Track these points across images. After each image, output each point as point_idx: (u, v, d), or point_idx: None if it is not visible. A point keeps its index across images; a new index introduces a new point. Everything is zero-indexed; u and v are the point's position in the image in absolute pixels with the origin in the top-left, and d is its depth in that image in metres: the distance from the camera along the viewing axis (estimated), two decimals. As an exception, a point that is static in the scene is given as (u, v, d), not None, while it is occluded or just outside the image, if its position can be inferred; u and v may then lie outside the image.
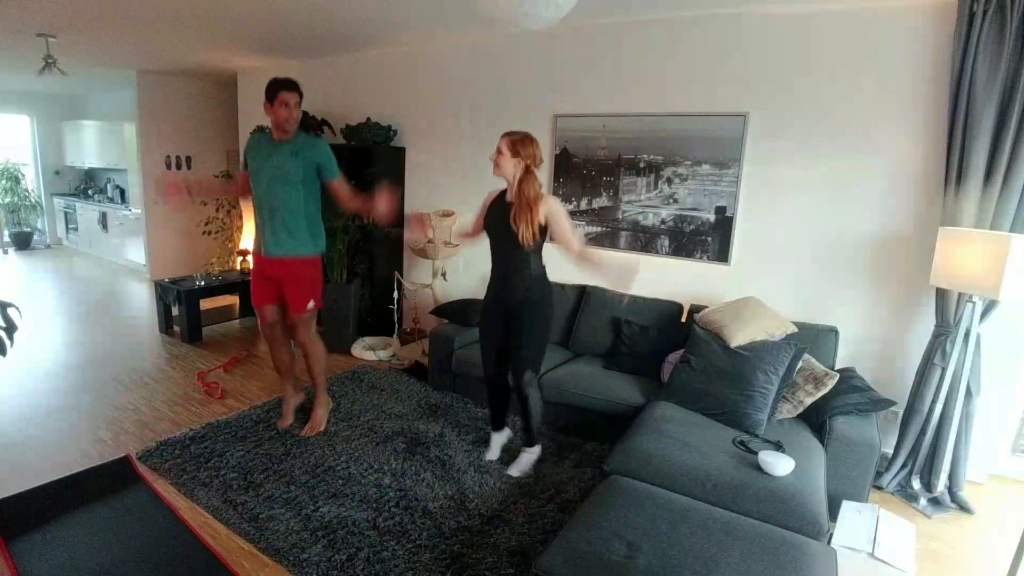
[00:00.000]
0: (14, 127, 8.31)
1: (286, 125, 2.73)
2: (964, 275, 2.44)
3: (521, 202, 2.42)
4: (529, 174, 2.44)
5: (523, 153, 2.43)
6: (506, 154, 2.43)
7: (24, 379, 3.66)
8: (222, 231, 5.81)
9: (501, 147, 2.44)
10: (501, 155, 2.44)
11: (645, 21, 3.41)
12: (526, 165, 2.44)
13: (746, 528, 1.83)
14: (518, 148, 2.43)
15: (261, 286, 2.94)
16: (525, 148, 2.43)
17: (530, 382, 2.56)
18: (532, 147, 2.45)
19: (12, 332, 2.31)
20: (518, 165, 2.44)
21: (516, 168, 2.44)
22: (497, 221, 2.53)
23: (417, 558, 2.12)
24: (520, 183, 2.44)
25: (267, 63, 5.48)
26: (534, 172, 2.46)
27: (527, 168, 2.44)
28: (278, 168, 2.74)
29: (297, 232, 2.83)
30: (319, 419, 3.07)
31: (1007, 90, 2.48)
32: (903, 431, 2.83)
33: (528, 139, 2.45)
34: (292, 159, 2.74)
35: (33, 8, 3.65)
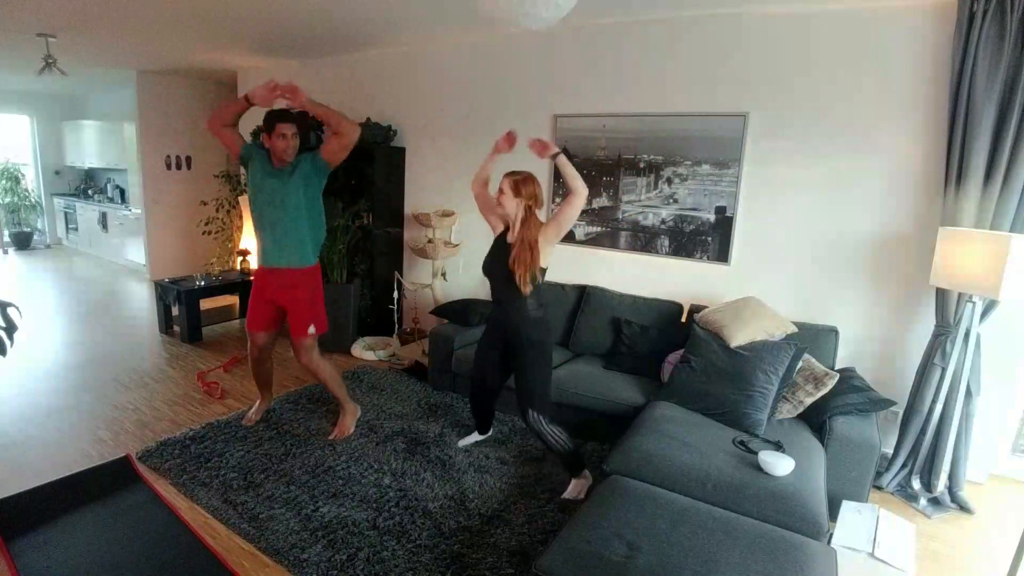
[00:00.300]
0: (14, 127, 8.31)
1: (284, 156, 2.71)
2: (964, 275, 2.44)
3: (523, 244, 2.40)
4: (531, 215, 2.45)
5: (524, 193, 2.43)
6: (508, 194, 2.43)
7: (24, 379, 3.66)
8: (222, 231, 5.81)
9: (503, 187, 2.44)
10: (503, 195, 2.44)
11: (645, 21, 3.41)
12: (527, 206, 2.44)
13: (746, 528, 1.83)
14: (520, 188, 2.43)
15: (259, 309, 2.92)
16: (526, 188, 2.44)
17: (537, 421, 2.51)
18: (533, 187, 2.45)
19: (12, 332, 2.31)
20: (519, 205, 2.44)
21: (518, 208, 2.44)
22: (495, 263, 2.52)
23: (417, 558, 2.12)
24: (522, 223, 2.44)
25: (267, 63, 5.48)
26: (534, 213, 2.46)
27: (528, 208, 2.44)
28: (279, 189, 2.73)
29: (300, 241, 2.82)
30: (347, 425, 3.06)
31: (1007, 90, 2.48)
32: (903, 431, 2.83)
33: (530, 179, 2.46)
34: (292, 182, 2.74)
35: (33, 8, 3.65)
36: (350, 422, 3.09)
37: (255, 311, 2.94)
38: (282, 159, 2.73)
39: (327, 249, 4.29)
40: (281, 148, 2.69)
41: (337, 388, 3.06)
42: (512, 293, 2.47)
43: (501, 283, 2.51)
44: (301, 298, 2.87)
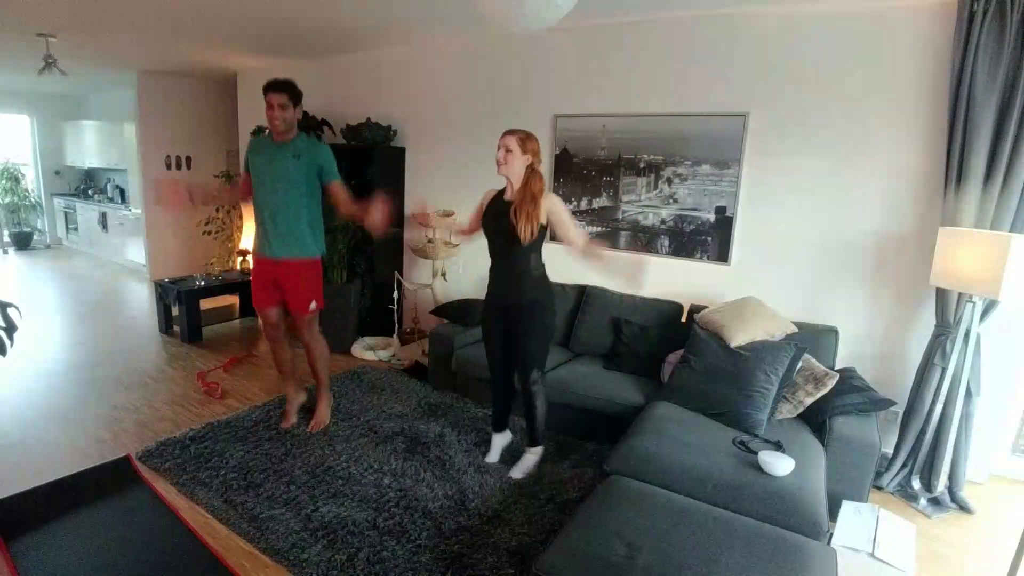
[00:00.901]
0: (14, 127, 8.31)
1: (275, 125, 2.72)
2: (964, 275, 2.44)
3: (525, 196, 2.41)
4: (535, 171, 2.46)
5: (530, 149, 2.44)
6: (515, 151, 2.42)
7: (24, 379, 3.67)
8: (222, 231, 5.81)
9: (510, 145, 2.42)
10: (510, 152, 2.42)
11: (645, 21, 3.41)
12: (531, 163, 2.45)
13: (746, 528, 1.83)
14: (527, 144, 2.43)
15: (262, 289, 2.95)
16: (532, 144, 2.45)
17: (536, 381, 2.56)
18: (536, 143, 2.47)
19: (12, 332, 2.30)
20: (525, 162, 2.44)
21: (523, 165, 2.44)
22: (496, 221, 2.52)
23: (417, 558, 2.12)
24: (526, 181, 2.44)
25: (267, 63, 5.48)
26: (538, 170, 2.47)
27: (531, 165, 2.45)
28: (280, 171, 2.74)
29: (299, 234, 2.84)
30: (323, 415, 3.11)
31: (1007, 90, 2.48)
32: (903, 431, 2.83)
33: (532, 136, 2.47)
34: (294, 162, 2.74)
35: (33, 8, 3.64)
36: (326, 411, 3.12)
37: (260, 290, 2.95)
38: (275, 129, 2.73)
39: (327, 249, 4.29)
40: (270, 117, 2.71)
41: (323, 371, 3.09)
42: (512, 250, 2.48)
43: (502, 241, 2.51)
44: (300, 276, 2.89)
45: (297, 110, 2.78)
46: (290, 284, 2.90)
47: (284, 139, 2.77)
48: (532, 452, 2.75)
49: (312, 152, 2.79)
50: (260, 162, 2.79)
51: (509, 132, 2.46)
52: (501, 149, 2.44)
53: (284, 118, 2.71)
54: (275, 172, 2.75)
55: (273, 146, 2.78)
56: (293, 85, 2.75)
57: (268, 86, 2.71)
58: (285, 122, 2.72)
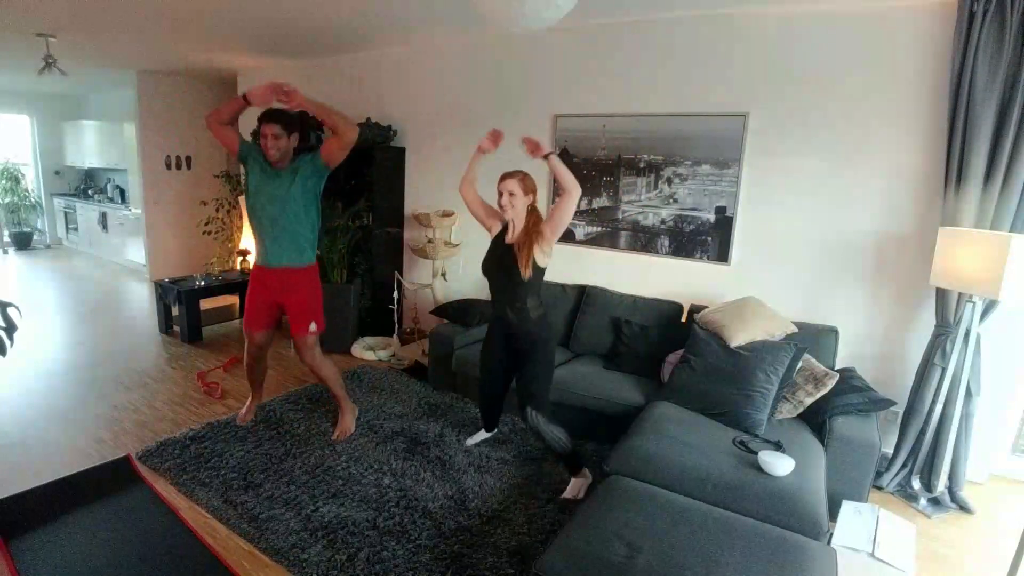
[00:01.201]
0: (14, 127, 8.31)
1: (270, 155, 2.70)
2: (964, 275, 2.44)
3: (530, 234, 2.40)
4: (534, 210, 2.47)
5: (530, 188, 2.45)
6: (518, 194, 2.42)
7: (24, 379, 3.67)
8: (222, 231, 5.81)
9: (513, 189, 2.41)
10: (514, 196, 2.41)
11: (644, 21, 3.41)
12: (532, 203, 2.46)
13: (746, 528, 1.83)
14: (527, 184, 2.44)
15: (257, 308, 2.92)
16: (531, 182, 2.45)
17: (536, 419, 2.50)
18: (533, 181, 2.48)
19: (12, 332, 2.30)
20: (528, 202, 2.44)
21: (526, 205, 2.44)
22: (495, 262, 2.53)
23: (417, 558, 2.13)
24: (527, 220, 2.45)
25: (267, 63, 5.48)
26: (536, 206, 2.48)
27: (532, 204, 2.46)
28: (279, 190, 2.73)
29: (299, 242, 2.82)
30: (348, 424, 3.07)
31: (1007, 90, 2.48)
32: (903, 431, 2.83)
33: (528, 175, 2.47)
34: (292, 183, 2.73)
35: (33, 8, 3.64)
36: (350, 421, 3.10)
37: (253, 310, 2.93)
38: (271, 159, 2.71)
39: (327, 249, 4.30)
40: (264, 147, 2.69)
41: (337, 387, 3.05)
42: (513, 292, 2.47)
43: (501, 282, 2.51)
44: (301, 297, 2.88)
45: (292, 139, 2.74)
46: (291, 302, 2.87)
47: (280, 167, 2.75)
48: (575, 479, 2.60)
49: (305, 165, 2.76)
50: (259, 177, 2.75)
51: (508, 175, 2.45)
52: (504, 195, 2.43)
53: (278, 147, 2.69)
54: (274, 191, 2.73)
55: (271, 167, 2.76)
56: (287, 115, 2.72)
57: (262, 117, 2.69)
58: (279, 151, 2.70)
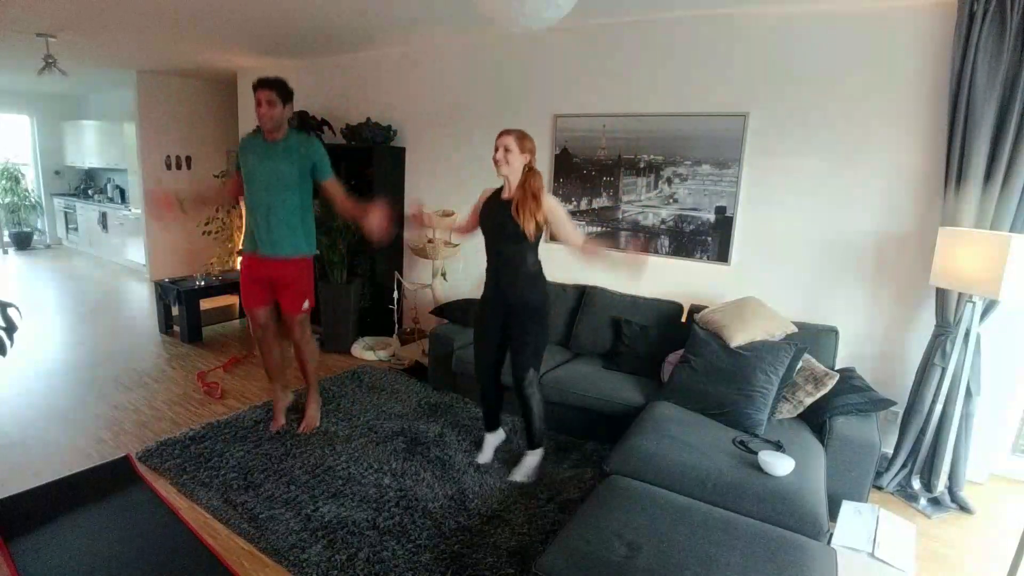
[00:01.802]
0: (14, 127, 8.31)
1: (263, 122, 2.71)
2: (964, 275, 2.44)
3: (526, 193, 2.43)
4: (533, 170, 2.48)
5: (528, 148, 2.46)
6: (515, 150, 2.43)
7: (24, 379, 3.67)
8: (222, 231, 5.81)
9: (508, 144, 2.43)
10: (510, 152, 2.43)
11: (645, 21, 3.41)
12: (530, 161, 2.47)
13: (746, 528, 1.83)
14: (524, 143, 2.45)
15: (252, 289, 2.92)
16: (529, 142, 2.47)
17: (531, 382, 2.56)
18: (532, 142, 2.49)
19: (12, 332, 2.31)
20: (524, 160, 2.46)
21: (522, 163, 2.46)
22: (494, 219, 2.53)
23: (417, 558, 2.12)
24: (525, 179, 2.46)
25: (267, 63, 5.48)
26: (535, 168, 2.49)
27: (530, 164, 2.47)
28: (273, 169, 2.73)
29: (293, 232, 2.83)
30: (313, 415, 3.10)
31: (1007, 90, 2.48)
32: (903, 431, 2.83)
33: (527, 135, 2.49)
34: (287, 159, 2.74)
35: (33, 8, 3.64)
36: (316, 412, 3.12)
37: (249, 290, 2.93)
38: (264, 127, 2.73)
39: (327, 249, 4.29)
40: (259, 115, 2.70)
41: (313, 373, 3.08)
42: (511, 247, 2.49)
43: (500, 239, 2.52)
44: (292, 277, 2.88)
45: (287, 108, 2.76)
46: (282, 284, 2.89)
47: (275, 137, 2.76)
48: (532, 454, 2.73)
49: (305, 148, 2.78)
50: (252, 160, 2.77)
51: (506, 132, 2.47)
52: (500, 149, 2.45)
53: (272, 115, 2.70)
54: (267, 170, 2.74)
55: (264, 144, 2.77)
56: (282, 82, 2.74)
57: (256, 83, 2.72)
58: (273, 120, 2.71)
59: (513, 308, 2.57)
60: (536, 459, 2.73)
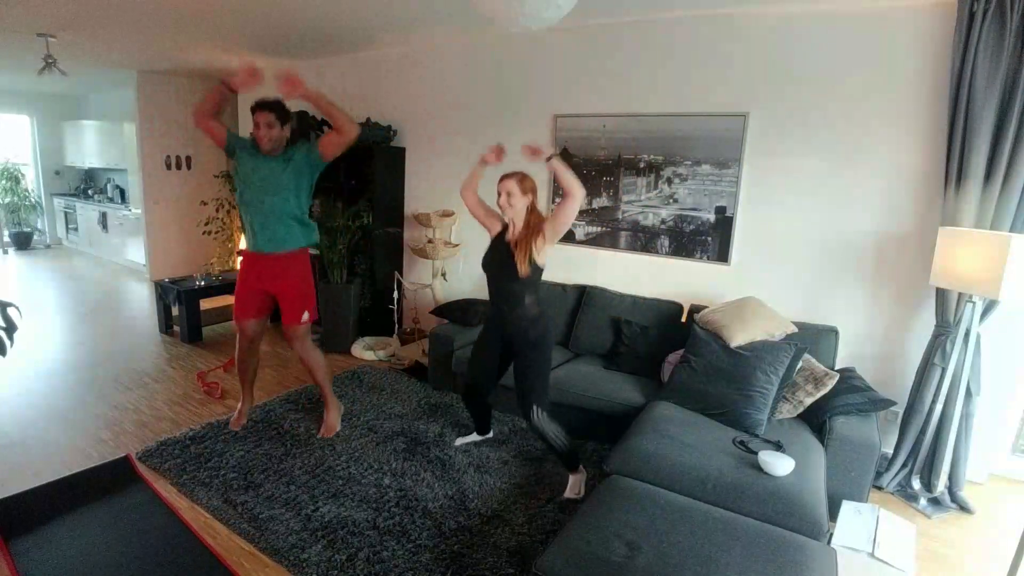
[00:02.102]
0: (14, 127, 8.31)
1: (262, 144, 2.70)
2: (964, 275, 2.44)
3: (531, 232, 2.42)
4: (534, 208, 2.47)
5: (529, 188, 2.45)
6: (516, 194, 2.43)
7: (24, 379, 3.67)
8: (222, 231, 5.80)
9: (511, 190, 2.43)
10: (512, 196, 2.43)
11: (645, 21, 3.41)
12: (531, 202, 2.46)
13: (746, 528, 1.83)
14: (525, 184, 2.44)
15: (248, 299, 2.91)
16: (529, 183, 2.46)
17: (539, 418, 2.51)
18: (533, 181, 2.48)
19: (12, 332, 2.30)
20: (526, 202, 2.45)
21: (525, 204, 2.45)
22: (494, 260, 2.53)
23: (417, 558, 2.13)
24: (527, 219, 2.46)
25: (267, 63, 5.47)
26: (536, 205, 2.48)
27: (532, 204, 2.47)
28: (270, 178, 2.73)
29: (290, 229, 2.82)
30: (333, 422, 3.08)
31: (1007, 90, 2.48)
32: (903, 431, 2.83)
33: (527, 176, 2.48)
34: (284, 170, 2.73)
35: (33, 8, 3.64)
36: (336, 418, 3.10)
37: (243, 299, 2.92)
38: (263, 148, 2.71)
39: (327, 249, 4.30)
40: (257, 137, 2.68)
41: (325, 380, 3.05)
42: (511, 289, 2.48)
43: (501, 279, 2.52)
44: (292, 285, 2.87)
45: (285, 129, 2.74)
46: (283, 290, 2.87)
47: (272, 155, 2.75)
48: (573, 476, 2.62)
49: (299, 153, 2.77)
50: (248, 164, 2.75)
51: (506, 176, 2.47)
52: (502, 195, 2.45)
53: (271, 137, 2.68)
54: (263, 179, 2.72)
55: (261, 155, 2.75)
56: (281, 104, 2.72)
57: (255, 106, 2.69)
58: (272, 141, 2.70)
59: (513, 345, 2.56)
60: (577, 478, 2.63)
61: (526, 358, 2.53)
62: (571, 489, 2.58)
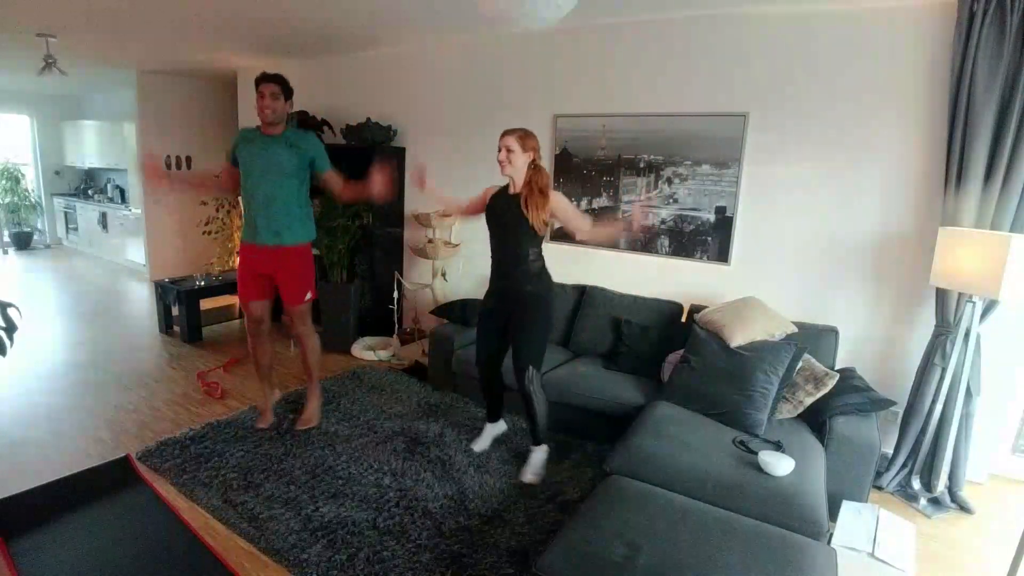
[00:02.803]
0: (14, 127, 8.31)
1: (265, 115, 2.73)
2: (964, 275, 2.44)
3: (532, 189, 2.46)
4: (538, 167, 2.49)
5: (530, 146, 2.48)
6: (517, 150, 2.46)
7: (24, 379, 3.66)
8: (222, 231, 5.80)
9: (510, 145, 2.46)
10: (512, 152, 2.46)
11: (645, 21, 3.41)
12: (533, 159, 2.48)
13: (746, 528, 1.83)
14: (526, 142, 2.47)
15: (250, 281, 2.92)
16: (532, 140, 2.49)
17: (532, 379, 2.56)
18: (535, 140, 2.51)
19: (12, 332, 2.31)
20: (527, 159, 2.47)
21: (526, 162, 2.47)
22: (501, 214, 2.55)
23: (417, 558, 2.12)
24: (530, 176, 2.47)
25: (267, 63, 5.47)
26: (541, 165, 2.50)
27: (533, 161, 2.48)
28: (272, 160, 2.75)
29: (292, 221, 2.84)
30: (313, 411, 3.09)
31: (1007, 90, 2.48)
32: (903, 431, 2.83)
33: (530, 133, 2.51)
34: (286, 151, 2.76)
35: (33, 8, 3.64)
36: (316, 407, 3.11)
37: (246, 281, 2.93)
38: (264, 120, 2.74)
39: (327, 249, 4.29)
40: (259, 107, 2.72)
41: (316, 365, 3.07)
42: (516, 241, 2.51)
43: (506, 232, 2.54)
44: (293, 271, 2.89)
45: (288, 104, 2.78)
46: (283, 274, 2.89)
47: (274, 132, 2.77)
48: (537, 451, 2.74)
49: (303, 143, 2.81)
50: (251, 151, 2.78)
51: (508, 132, 2.50)
52: (502, 150, 2.48)
53: (274, 108, 2.72)
54: (267, 162, 2.75)
55: (264, 137, 2.78)
56: (284, 78, 2.77)
57: (260, 77, 2.74)
58: (275, 113, 2.73)
59: (516, 302, 2.58)
60: (542, 455, 2.74)
61: (525, 314, 2.55)
62: (532, 468, 2.64)
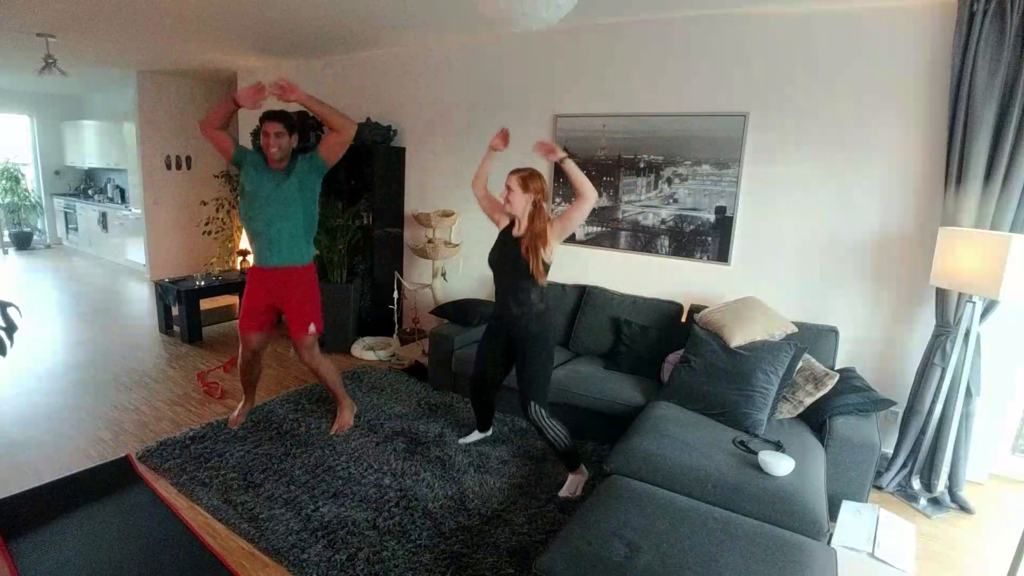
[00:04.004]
0: (14, 127, 8.31)
1: (271, 153, 2.73)
2: (964, 275, 2.44)
3: (533, 235, 2.43)
4: (539, 209, 2.46)
5: (532, 188, 2.45)
6: (517, 191, 2.44)
7: (24, 379, 3.66)
8: (222, 231, 5.81)
9: (511, 184, 2.45)
10: (512, 192, 2.44)
11: (645, 21, 3.41)
12: (536, 200, 2.46)
13: (746, 528, 1.83)
14: (528, 184, 2.45)
15: (253, 311, 2.93)
16: (534, 183, 2.45)
17: (538, 413, 2.52)
18: (540, 182, 2.47)
19: (12, 332, 2.31)
20: (528, 200, 2.45)
21: (527, 203, 2.45)
22: (502, 255, 2.54)
23: (417, 558, 2.12)
24: (531, 218, 2.46)
25: (267, 63, 5.48)
26: (542, 206, 2.47)
27: (536, 202, 2.46)
28: (277, 194, 2.75)
29: (296, 242, 2.84)
30: (346, 419, 3.12)
31: (1007, 90, 2.48)
32: (903, 431, 2.83)
33: (536, 174, 2.48)
34: (287, 179, 2.76)
35: (33, 8, 3.65)
36: (349, 416, 3.13)
37: (249, 313, 2.94)
38: (272, 157, 2.74)
39: (327, 249, 4.30)
40: (264, 145, 2.72)
41: (336, 385, 3.09)
42: (518, 284, 2.49)
43: (507, 275, 2.53)
44: (298, 298, 2.89)
45: (293, 139, 2.78)
46: (288, 303, 2.89)
47: (280, 167, 2.79)
48: (573, 475, 2.63)
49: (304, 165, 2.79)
50: (256, 179, 2.77)
51: (514, 171, 2.48)
52: (504, 188, 2.48)
53: (280, 145, 2.73)
54: (271, 194, 2.75)
55: (272, 173, 2.78)
56: (289, 115, 2.77)
57: (264, 116, 2.73)
58: (281, 150, 2.74)
59: (516, 341, 2.57)
60: (577, 478, 2.63)
61: (527, 352, 2.53)
62: (567, 488, 2.58)
